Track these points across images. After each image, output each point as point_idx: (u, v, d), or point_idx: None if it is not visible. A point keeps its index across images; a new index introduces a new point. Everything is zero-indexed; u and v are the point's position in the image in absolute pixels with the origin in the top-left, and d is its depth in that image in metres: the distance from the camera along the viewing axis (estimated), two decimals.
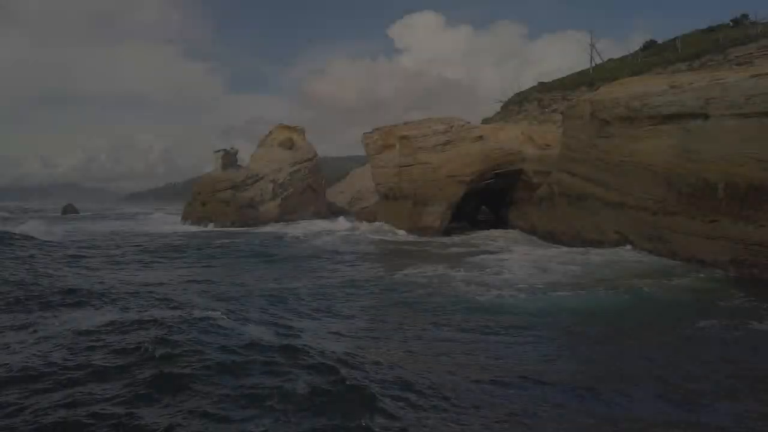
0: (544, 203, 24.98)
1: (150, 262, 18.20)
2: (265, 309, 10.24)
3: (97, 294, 10.38)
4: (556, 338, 8.99)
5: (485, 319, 9.78)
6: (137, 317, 8.20)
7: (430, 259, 18.70)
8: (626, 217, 17.28)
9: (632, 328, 9.65)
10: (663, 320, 9.98)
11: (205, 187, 42.05)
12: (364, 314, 10.57)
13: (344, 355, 6.83)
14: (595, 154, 19.76)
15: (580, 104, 21.12)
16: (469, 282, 13.29)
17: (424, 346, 8.36)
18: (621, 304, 11.16)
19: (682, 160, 15.34)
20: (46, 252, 18.90)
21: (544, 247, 21.12)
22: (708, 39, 42.06)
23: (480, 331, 9.15)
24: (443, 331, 9.20)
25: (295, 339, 7.57)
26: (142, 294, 10.63)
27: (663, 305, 10.98)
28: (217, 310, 8.74)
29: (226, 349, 6.61)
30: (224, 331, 7.46)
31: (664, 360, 7.63)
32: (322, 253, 20.91)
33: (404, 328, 9.38)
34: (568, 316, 10.19)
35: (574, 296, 11.62)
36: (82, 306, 9.44)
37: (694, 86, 16.40)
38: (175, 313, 8.43)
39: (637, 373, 7.10)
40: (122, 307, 9.32)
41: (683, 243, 14.52)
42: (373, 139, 31.51)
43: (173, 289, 12.22)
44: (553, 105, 44.72)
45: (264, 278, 14.84)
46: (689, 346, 8.35)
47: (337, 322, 9.75)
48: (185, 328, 7.32)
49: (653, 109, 16.85)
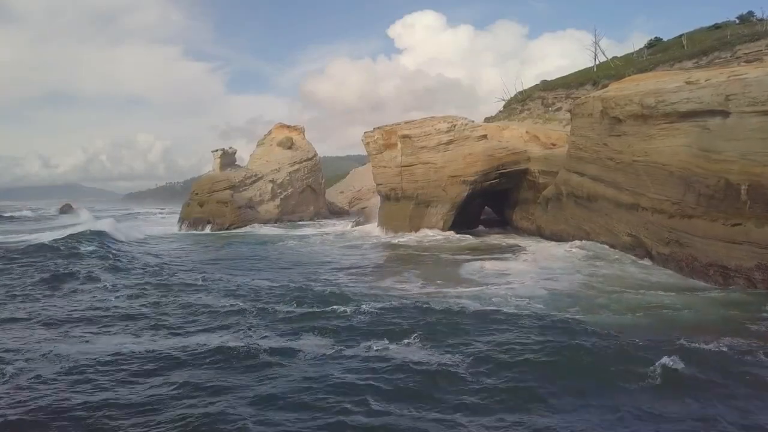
0: (550, 204, 24.23)
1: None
2: None
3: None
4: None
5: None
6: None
7: (438, 269, 17.73)
8: (640, 219, 16.50)
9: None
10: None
11: (202, 187, 41.22)
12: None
13: None
14: (605, 153, 18.99)
15: (590, 102, 20.34)
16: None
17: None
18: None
19: (701, 159, 14.56)
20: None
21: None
22: (714, 36, 41.30)
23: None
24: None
25: None
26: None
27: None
28: None
29: None
30: None
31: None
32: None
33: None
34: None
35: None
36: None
37: (711, 82, 15.60)
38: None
39: None
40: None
41: (703, 247, 13.71)
42: (374, 138, 30.70)
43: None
44: (557, 103, 43.94)
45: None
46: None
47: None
48: None
49: (669, 106, 16.06)
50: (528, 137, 29.97)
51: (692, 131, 15.39)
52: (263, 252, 23.83)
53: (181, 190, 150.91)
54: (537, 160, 27.82)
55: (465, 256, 20.08)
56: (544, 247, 20.91)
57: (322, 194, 52.38)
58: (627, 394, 6.93)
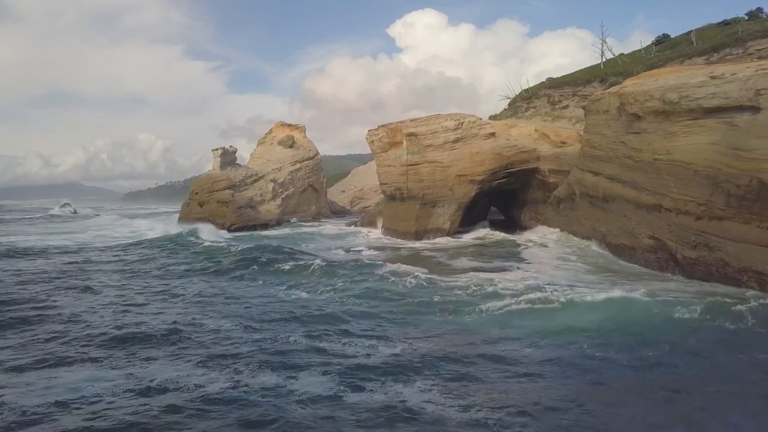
0: (563, 204, 23.43)
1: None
2: None
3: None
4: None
5: None
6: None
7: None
8: (663, 221, 15.67)
9: None
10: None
11: (202, 186, 40.37)
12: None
13: None
14: (623, 151, 18.17)
15: (606, 98, 19.51)
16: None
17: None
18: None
19: (730, 158, 13.73)
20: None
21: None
22: (724, 33, 40.51)
23: None
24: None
25: None
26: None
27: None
28: None
29: None
30: None
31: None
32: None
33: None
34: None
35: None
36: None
37: (738, 76, 14.77)
38: None
39: None
40: None
41: (736, 252, 12.90)
42: (379, 136, 29.82)
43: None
44: (563, 101, 43.14)
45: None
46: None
47: None
48: None
49: (693, 102, 15.22)
50: (537, 135, 29.11)
51: (718, 128, 14.57)
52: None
53: (181, 189, 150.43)
54: (547, 158, 27.01)
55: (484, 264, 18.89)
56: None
57: (323, 194, 51.58)
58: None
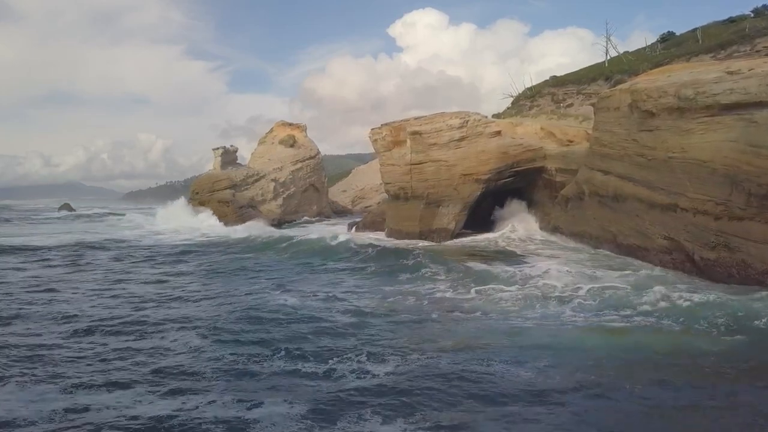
0: (570, 203, 22.91)
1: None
2: None
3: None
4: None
5: None
6: None
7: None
8: (679, 221, 15.17)
9: None
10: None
11: (203, 186, 39.94)
12: None
13: None
14: (635, 149, 17.67)
15: (617, 95, 19.01)
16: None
17: None
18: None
19: (749, 155, 13.26)
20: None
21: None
22: (730, 30, 40.04)
23: None
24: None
25: None
26: None
27: None
28: None
29: None
30: None
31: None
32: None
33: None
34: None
35: None
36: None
37: (756, 72, 14.33)
38: None
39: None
40: None
41: (759, 253, 12.43)
42: (382, 135, 29.28)
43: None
44: (567, 99, 42.64)
45: None
46: None
47: None
48: None
49: (710, 98, 14.74)
50: (543, 134, 28.61)
51: (736, 125, 14.10)
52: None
53: (181, 189, 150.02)
54: (554, 157, 26.49)
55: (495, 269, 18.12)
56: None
57: (325, 193, 51.15)
58: None
